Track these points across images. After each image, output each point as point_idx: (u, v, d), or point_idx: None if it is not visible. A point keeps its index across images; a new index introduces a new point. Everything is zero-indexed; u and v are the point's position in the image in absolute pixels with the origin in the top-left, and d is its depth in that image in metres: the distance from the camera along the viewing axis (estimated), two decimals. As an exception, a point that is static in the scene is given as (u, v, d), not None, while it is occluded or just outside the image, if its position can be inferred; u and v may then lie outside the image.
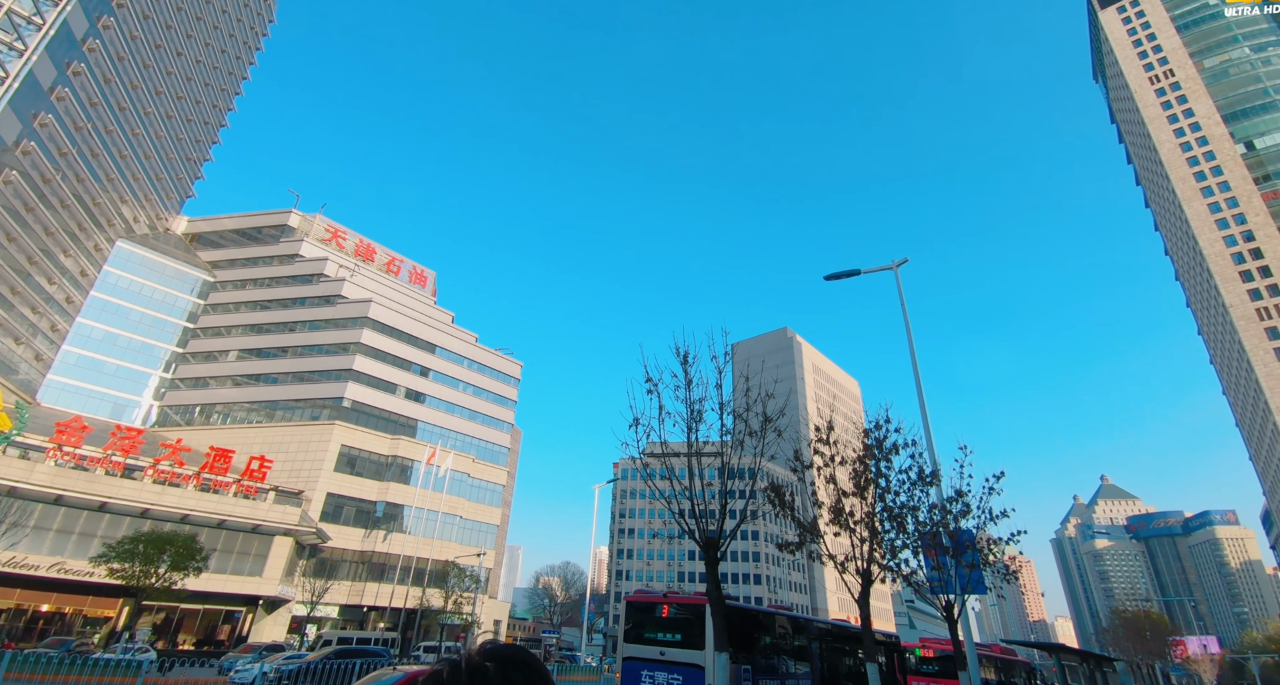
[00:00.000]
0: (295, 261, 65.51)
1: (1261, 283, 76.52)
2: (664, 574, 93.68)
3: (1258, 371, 73.88)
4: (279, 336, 61.08)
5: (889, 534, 12.30)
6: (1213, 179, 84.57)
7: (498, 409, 67.74)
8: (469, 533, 56.58)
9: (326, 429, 51.17)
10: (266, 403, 56.85)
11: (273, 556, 41.14)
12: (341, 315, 60.36)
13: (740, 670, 12.57)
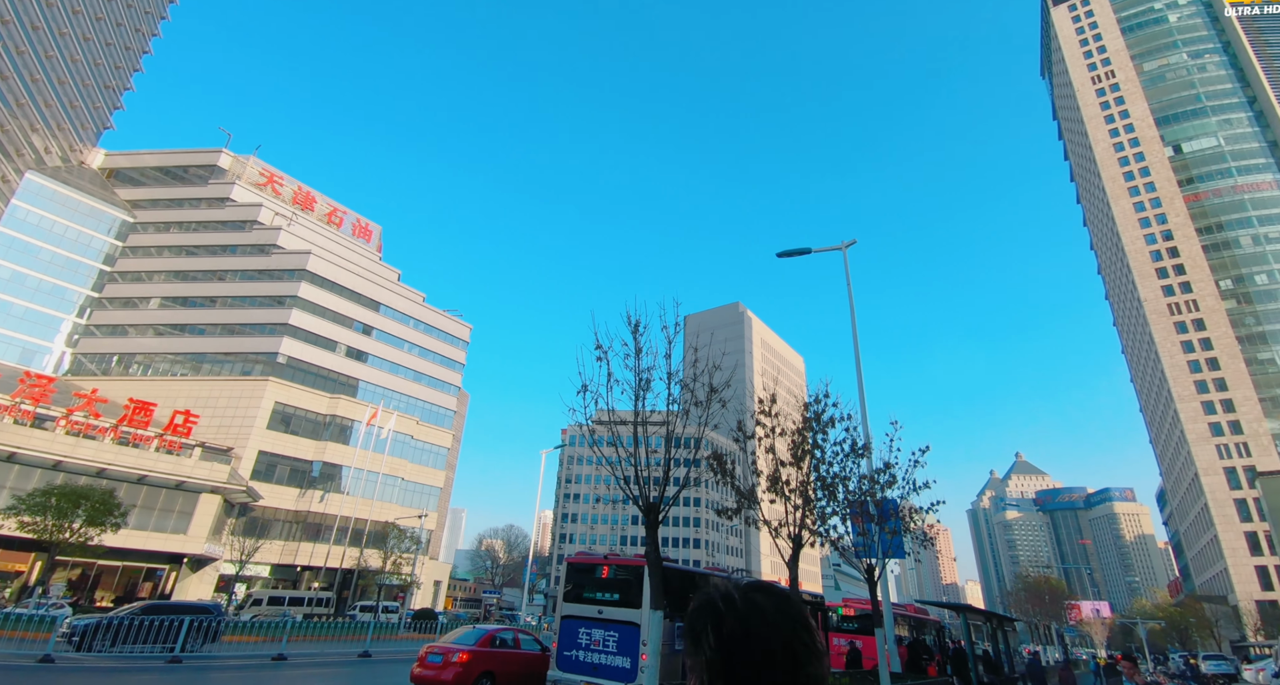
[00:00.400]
0: (226, 206, 61.40)
1: (1175, 280, 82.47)
2: (607, 538, 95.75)
3: (1164, 362, 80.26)
4: (207, 285, 57.56)
5: (821, 502, 12.90)
6: (1140, 179, 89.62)
7: (444, 371, 66.46)
8: (411, 495, 55.96)
9: (259, 385, 49.03)
10: (192, 355, 53.87)
11: (198, 514, 39.62)
12: (277, 266, 57.26)
13: (674, 627, 13.07)
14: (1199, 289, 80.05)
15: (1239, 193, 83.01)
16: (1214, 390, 75.86)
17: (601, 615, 12.72)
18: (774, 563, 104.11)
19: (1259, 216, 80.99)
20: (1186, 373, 78.04)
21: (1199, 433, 75.38)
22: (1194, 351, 78.44)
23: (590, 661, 12.32)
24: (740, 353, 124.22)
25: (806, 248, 23.31)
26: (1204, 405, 75.95)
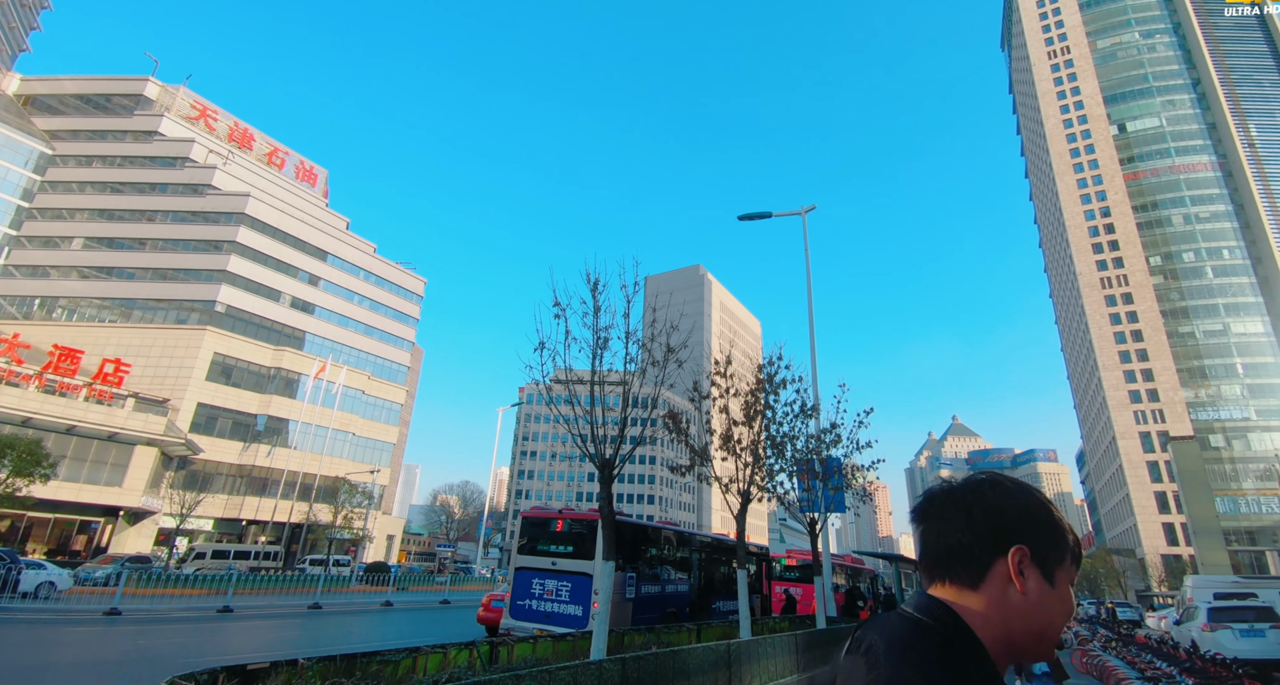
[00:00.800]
0: (154, 140, 56.80)
1: (1109, 255, 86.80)
2: (563, 494, 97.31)
3: (1092, 333, 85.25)
4: (135, 226, 53.69)
5: (770, 460, 13.38)
6: (1085, 156, 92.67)
7: (397, 326, 64.70)
8: (362, 450, 55.16)
9: (196, 334, 46.71)
10: (122, 300, 50.65)
11: (134, 466, 38.13)
12: (212, 209, 53.78)
13: (626, 577, 13.54)
14: (1130, 265, 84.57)
15: (1175, 173, 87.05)
16: (1136, 360, 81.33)
17: (555, 566, 13.04)
18: (723, 517, 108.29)
19: (1191, 196, 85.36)
20: (1112, 343, 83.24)
21: (1119, 399, 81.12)
22: (1121, 323, 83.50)
23: (543, 610, 12.68)
24: (699, 315, 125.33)
25: (767, 212, 23.46)
26: (1126, 374, 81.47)
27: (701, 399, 13.00)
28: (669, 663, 7.88)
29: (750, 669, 9.95)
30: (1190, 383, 78.03)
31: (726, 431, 12.65)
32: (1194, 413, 76.39)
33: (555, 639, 8.96)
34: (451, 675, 5.89)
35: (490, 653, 7.66)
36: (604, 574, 8.07)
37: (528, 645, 8.45)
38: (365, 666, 6.01)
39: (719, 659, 9.07)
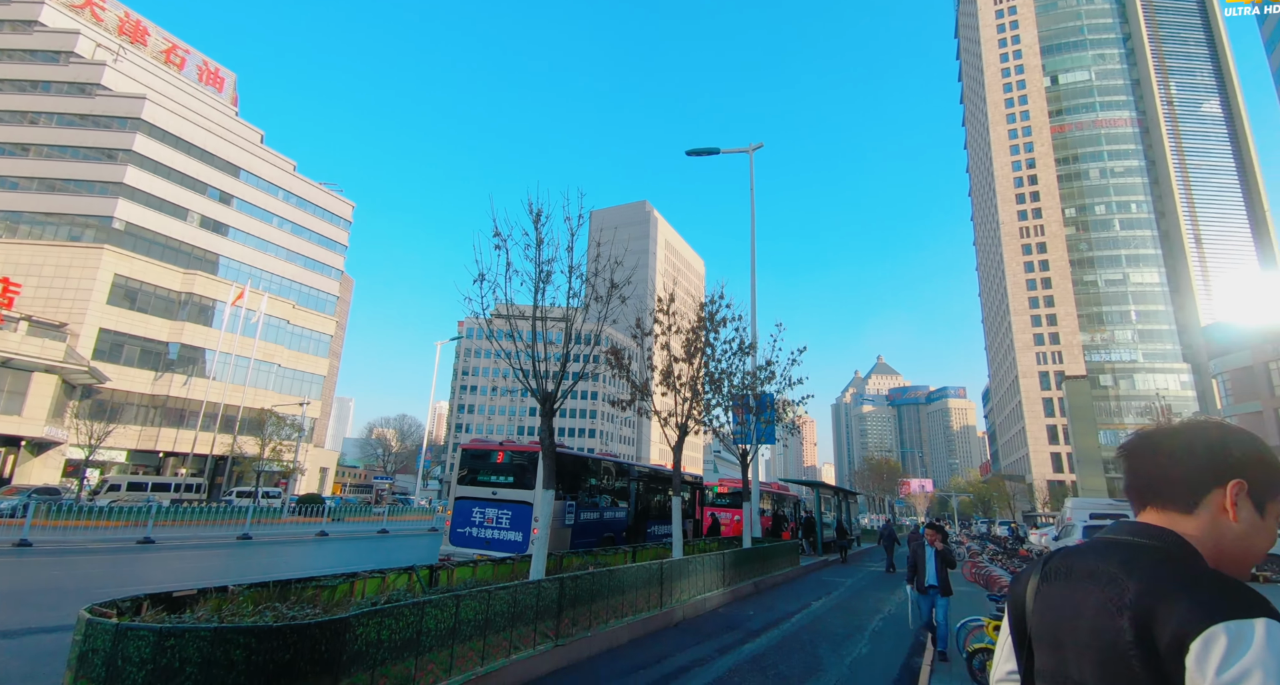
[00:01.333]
0: (33, 30, 49.09)
1: (1030, 206, 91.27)
2: (504, 428, 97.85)
3: (1008, 279, 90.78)
4: (15, 129, 47.02)
5: (708, 395, 13.82)
6: (1019, 107, 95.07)
7: (323, 252, 60.86)
8: (290, 382, 52.96)
9: (93, 253, 42.41)
10: (5, 213, 45.03)
11: (33, 395, 35.24)
12: (104, 112, 47.59)
13: (566, 504, 13.97)
14: (1048, 215, 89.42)
15: (1097, 127, 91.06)
16: (1043, 306, 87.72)
17: (496, 496, 13.26)
18: (662, 450, 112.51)
19: (1109, 151, 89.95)
20: (1024, 289, 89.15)
21: (1025, 342, 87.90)
22: (1034, 271, 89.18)
23: (483, 537, 12.98)
24: (644, 252, 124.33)
25: (715, 148, 23.09)
26: (1033, 318, 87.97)
27: (644, 336, 13.10)
28: (605, 581, 8.30)
29: (681, 584, 10.66)
30: (1088, 327, 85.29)
31: (667, 368, 12.88)
32: (1089, 355, 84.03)
33: (495, 563, 9.22)
34: (390, 598, 5.98)
35: (430, 576, 7.81)
36: (544, 501, 8.27)
37: (467, 569, 8.66)
38: (300, 592, 6.00)
39: (652, 577, 9.64)
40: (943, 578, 8.19)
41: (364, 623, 4.54)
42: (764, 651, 8.31)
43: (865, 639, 9.49)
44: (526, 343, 8.88)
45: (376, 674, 4.59)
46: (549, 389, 8.58)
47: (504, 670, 5.99)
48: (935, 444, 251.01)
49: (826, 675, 7.24)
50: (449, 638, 5.37)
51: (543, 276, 9.12)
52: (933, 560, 8.28)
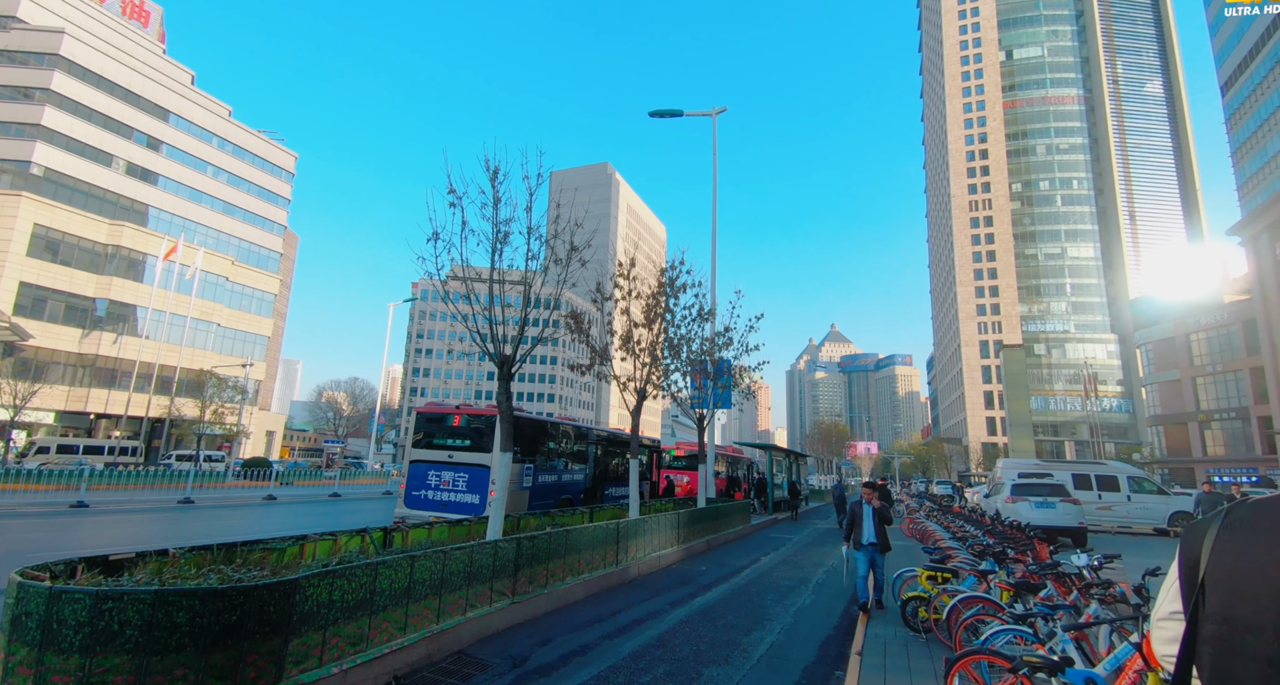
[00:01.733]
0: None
1: (980, 180, 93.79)
2: (461, 392, 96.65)
3: (956, 251, 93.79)
4: (-96, 60, 42.09)
5: (666, 360, 13.94)
6: (974, 81, 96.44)
7: (264, 206, 57.55)
8: (231, 342, 50.64)
9: (10, 201, 38.96)
10: (-101, 155, 40.71)
11: (-56, 357, 32.71)
12: (19, 47, 43.01)
13: (524, 467, 14.01)
14: (995, 190, 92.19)
15: (1047, 104, 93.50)
16: (986, 277, 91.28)
17: (452, 459, 13.18)
18: (621, 414, 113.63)
19: (1056, 128, 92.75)
20: (970, 261, 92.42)
21: (968, 312, 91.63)
22: (980, 244, 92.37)
23: (439, 499, 12.94)
24: (605, 216, 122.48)
25: (679, 110, 22.72)
26: (976, 289, 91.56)
27: (604, 300, 13.01)
28: (561, 541, 8.43)
29: (636, 543, 10.94)
30: (1027, 299, 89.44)
31: (627, 333, 12.88)
32: (1025, 325, 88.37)
33: (451, 524, 9.22)
34: (342, 559, 5.92)
35: (384, 538, 7.76)
36: (501, 464, 8.26)
37: (423, 531, 8.64)
38: (246, 555, 5.87)
39: (608, 536, 9.85)
40: (881, 535, 8.29)
41: (314, 584, 4.49)
42: (714, 604, 8.67)
43: (809, 590, 10.01)
44: (483, 305, 8.69)
45: (329, 633, 4.58)
46: (506, 352, 8.46)
47: (460, 627, 6.06)
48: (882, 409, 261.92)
49: (772, 624, 7.63)
50: (403, 597, 5.38)
51: (500, 237, 8.86)
52: (870, 518, 8.30)
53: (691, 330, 14.31)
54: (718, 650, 6.39)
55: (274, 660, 4.14)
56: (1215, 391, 53.42)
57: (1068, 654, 3.62)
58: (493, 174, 8.94)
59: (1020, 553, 7.64)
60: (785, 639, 6.99)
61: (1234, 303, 50.86)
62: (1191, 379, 55.25)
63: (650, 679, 5.39)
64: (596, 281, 12.94)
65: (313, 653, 4.44)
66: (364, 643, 4.89)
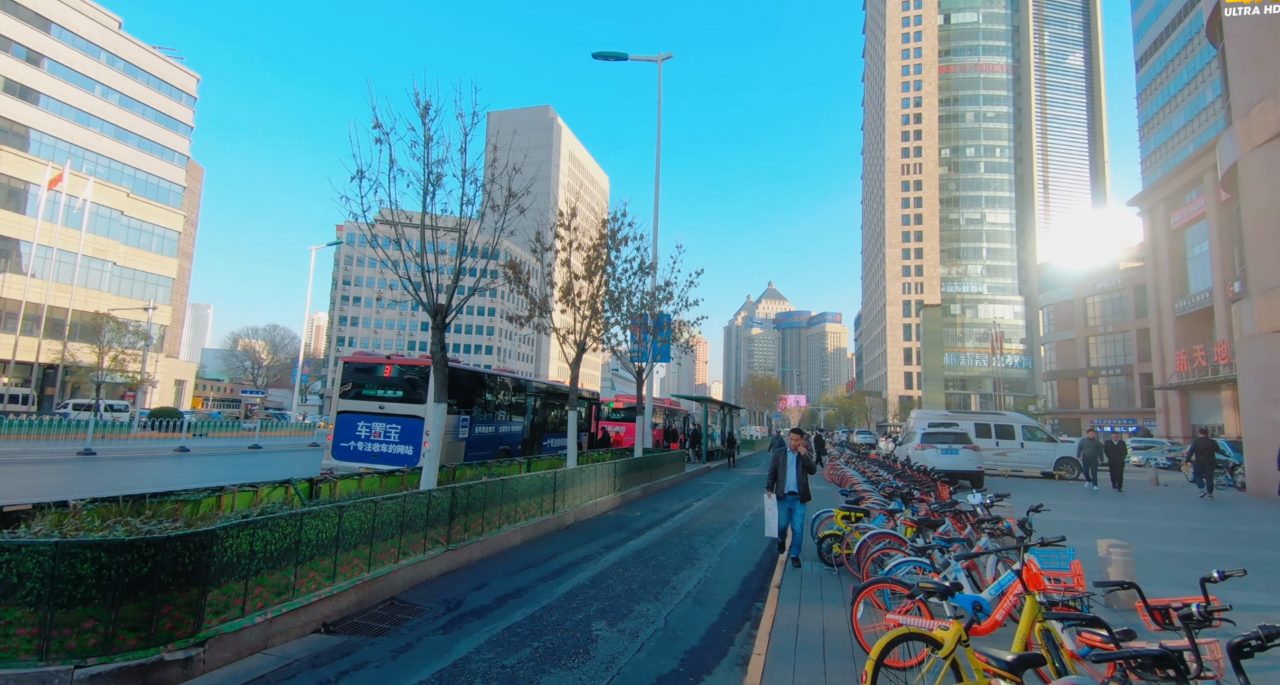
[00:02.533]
0: None
1: (913, 143, 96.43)
2: (392, 342, 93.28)
3: (887, 214, 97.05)
4: None
5: (607, 314, 13.91)
6: (914, 43, 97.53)
7: (162, 132, 51.95)
8: (130, 283, 46.43)
9: None
10: None
11: None
12: None
13: (460, 418, 13.86)
14: (926, 154, 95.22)
15: (978, 71, 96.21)
16: (913, 240, 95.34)
17: (383, 410, 12.85)
18: (560, 367, 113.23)
19: (984, 95, 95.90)
20: (899, 224, 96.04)
21: (894, 272, 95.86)
22: (909, 207, 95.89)
23: (370, 451, 12.68)
24: (546, 163, 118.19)
25: (623, 53, 21.89)
26: (903, 251, 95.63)
27: (544, 251, 12.72)
28: (498, 490, 8.49)
29: (573, 491, 11.17)
30: (947, 261, 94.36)
31: (568, 285, 12.71)
32: (945, 286, 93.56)
33: (383, 475, 9.09)
34: (264, 510, 5.75)
35: (310, 489, 7.57)
36: (436, 415, 8.12)
37: (353, 481, 8.47)
38: (157, 507, 5.60)
39: (545, 485, 10.00)
40: (803, 484, 7.85)
41: (234, 535, 4.36)
42: (647, 547, 9.06)
43: (736, 531, 10.61)
44: (415, 252, 8.30)
45: (251, 584, 4.49)
46: (441, 302, 8.18)
47: (393, 574, 6.07)
48: (812, 364, 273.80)
49: (701, 563, 8.07)
50: (332, 547, 5.31)
51: (432, 179, 8.40)
52: (794, 466, 7.84)
53: (632, 284, 14.30)
54: (649, 588, 6.72)
55: (191, 611, 4.04)
56: (1104, 350, 58.97)
57: (959, 581, 4.04)
58: (423, 109, 8.40)
59: (925, 494, 8.35)
60: (712, 576, 7.43)
61: (1128, 269, 55.64)
62: (1085, 338, 60.66)
63: (584, 616, 5.63)
64: (536, 231, 12.60)
65: (234, 603, 4.35)
66: (290, 592, 4.83)
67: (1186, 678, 2.12)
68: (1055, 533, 5.17)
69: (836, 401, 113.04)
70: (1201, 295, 41.21)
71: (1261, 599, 5.83)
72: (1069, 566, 4.39)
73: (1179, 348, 41.64)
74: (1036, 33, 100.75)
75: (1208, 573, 2.62)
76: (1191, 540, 9.91)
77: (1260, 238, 17.12)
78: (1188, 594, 2.92)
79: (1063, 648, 3.35)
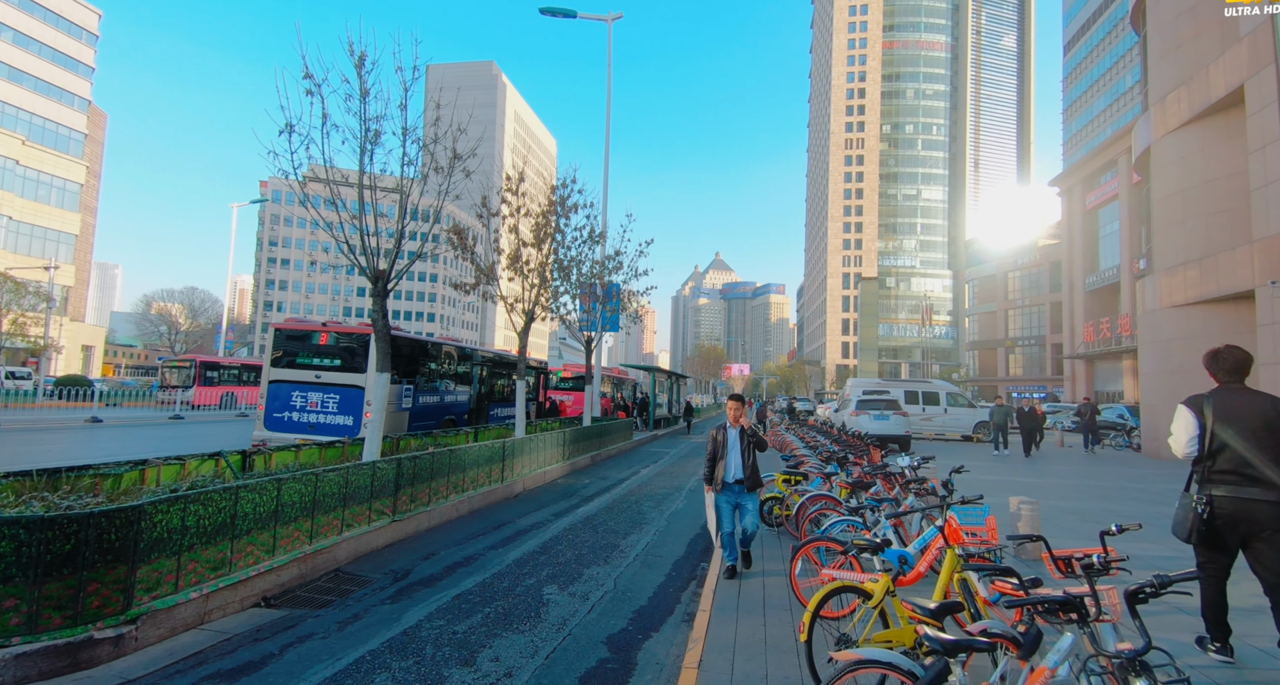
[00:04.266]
0: None
1: (856, 118, 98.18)
2: (326, 308, 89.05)
3: (830, 187, 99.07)
4: None
5: (556, 282, 13.73)
6: (860, 16, 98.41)
7: (60, 73, 46.67)
8: (29, 240, 42.22)
9: None
10: None
11: None
12: None
13: (403, 388, 13.51)
14: (869, 130, 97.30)
15: (919, 48, 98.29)
16: (854, 214, 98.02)
17: (320, 379, 12.36)
18: (507, 336, 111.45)
19: (924, 73, 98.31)
20: (842, 198, 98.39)
21: (835, 246, 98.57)
22: (851, 181, 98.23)
23: (307, 421, 12.23)
24: (491, 123, 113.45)
25: (572, 10, 21.09)
26: (844, 225, 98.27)
27: (491, 216, 12.35)
28: (445, 460, 8.41)
29: (522, 460, 11.18)
30: (885, 236, 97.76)
31: (515, 252, 12.43)
32: (882, 260, 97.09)
33: (322, 447, 8.81)
34: (194, 485, 5.49)
35: (243, 461, 7.27)
36: (378, 385, 7.89)
37: (289, 453, 8.18)
38: (75, 481, 5.27)
39: (494, 454, 9.96)
40: (750, 468, 5.76)
41: (163, 510, 4.17)
42: (596, 513, 9.23)
43: (683, 496, 10.94)
44: (352, 214, 7.89)
45: (184, 559, 4.32)
46: (381, 267, 7.86)
47: (336, 547, 5.96)
48: (756, 334, 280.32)
49: (648, 527, 8.31)
50: (270, 520, 5.16)
51: (370, 136, 7.95)
52: (737, 446, 5.82)
53: (582, 252, 14.12)
54: (598, 552, 6.88)
55: (121, 588, 3.87)
56: (1021, 322, 63.05)
57: (888, 537, 4.35)
58: (359, 60, 7.88)
59: (859, 457, 8.84)
60: (659, 539, 7.67)
61: (1045, 246, 59.28)
62: (1005, 311, 64.63)
63: (534, 581, 5.73)
64: (482, 195, 12.17)
65: (167, 579, 4.19)
66: (226, 567, 4.69)
67: (1087, 620, 2.38)
68: (974, 492, 5.60)
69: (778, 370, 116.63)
70: (1110, 271, 44.49)
71: (1153, 550, 6.55)
72: (985, 522, 4.80)
73: (1087, 320, 45.04)
74: (975, 12, 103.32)
75: (1107, 527, 2.92)
76: (1092, 497, 10.93)
77: (1167, 218, 18.53)
78: (1089, 546, 3.25)
79: (977, 595, 3.69)
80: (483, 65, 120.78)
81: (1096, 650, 2.31)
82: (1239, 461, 3.48)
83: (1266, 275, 14.16)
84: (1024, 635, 2.34)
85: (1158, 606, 4.35)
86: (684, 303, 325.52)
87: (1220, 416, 3.58)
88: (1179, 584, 2.34)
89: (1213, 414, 3.60)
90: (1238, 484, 3.48)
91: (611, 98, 22.80)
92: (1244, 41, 15.23)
